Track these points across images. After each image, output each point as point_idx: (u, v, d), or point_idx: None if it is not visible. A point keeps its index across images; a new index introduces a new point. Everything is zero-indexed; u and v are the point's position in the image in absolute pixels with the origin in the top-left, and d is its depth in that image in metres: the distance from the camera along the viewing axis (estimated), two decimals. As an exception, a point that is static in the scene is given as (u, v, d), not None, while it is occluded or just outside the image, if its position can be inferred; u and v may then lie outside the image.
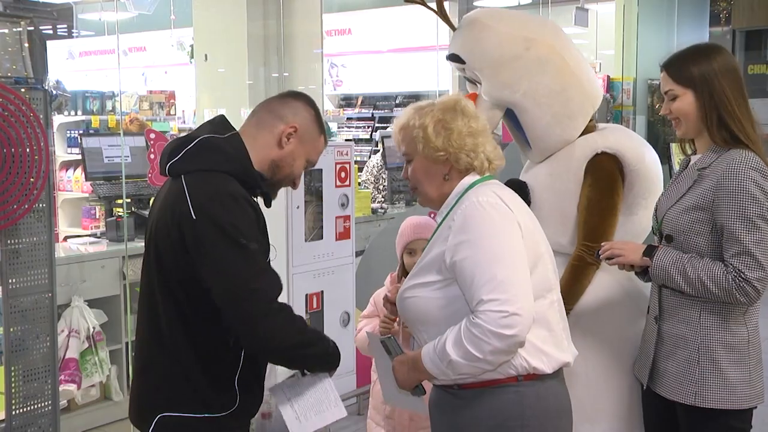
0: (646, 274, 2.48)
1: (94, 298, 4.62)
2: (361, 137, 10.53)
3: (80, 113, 7.47)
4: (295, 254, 4.17)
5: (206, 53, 5.90)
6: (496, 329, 1.94)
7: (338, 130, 10.27)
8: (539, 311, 2.08)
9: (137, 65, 10.70)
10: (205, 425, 2.11)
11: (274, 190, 2.28)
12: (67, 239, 5.40)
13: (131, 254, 4.54)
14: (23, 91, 3.24)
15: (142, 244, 2.30)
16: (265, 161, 2.20)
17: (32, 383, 3.32)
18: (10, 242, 3.23)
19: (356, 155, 6.22)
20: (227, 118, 2.28)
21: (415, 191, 2.30)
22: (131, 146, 5.37)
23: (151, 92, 8.49)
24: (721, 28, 8.79)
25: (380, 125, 10.36)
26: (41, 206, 3.30)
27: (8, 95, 3.16)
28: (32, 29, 11.12)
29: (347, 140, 8.99)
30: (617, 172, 2.89)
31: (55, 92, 7.34)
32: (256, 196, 2.21)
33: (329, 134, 2.53)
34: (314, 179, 4.31)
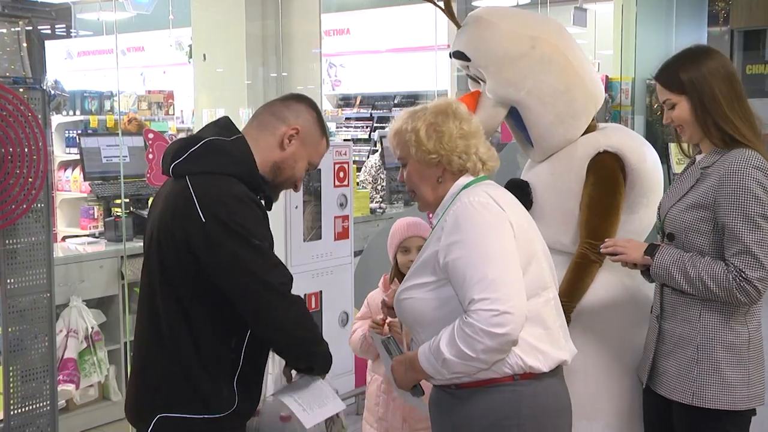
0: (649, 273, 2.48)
1: (92, 298, 4.62)
2: (359, 137, 10.52)
3: (78, 113, 7.48)
4: (293, 254, 4.17)
5: (205, 53, 5.89)
6: (487, 328, 1.95)
7: (337, 130, 10.27)
8: (534, 309, 2.09)
9: (136, 65, 10.69)
10: (204, 426, 2.11)
11: (275, 192, 2.29)
12: (65, 239, 5.40)
13: (130, 254, 4.54)
14: (21, 90, 3.24)
15: (140, 244, 2.30)
16: (266, 163, 2.20)
17: (30, 383, 3.32)
18: (8, 242, 3.23)
19: (355, 155, 6.21)
20: (231, 119, 2.28)
21: (413, 195, 2.32)
22: (129, 146, 5.37)
23: (149, 92, 8.49)
24: (719, 27, 8.78)
25: (379, 125, 10.36)
26: (39, 206, 3.30)
27: (6, 95, 3.16)
28: (30, 29, 11.14)
29: (346, 140, 8.98)
30: (619, 170, 2.89)
31: (53, 92, 7.35)
32: (260, 198, 2.22)
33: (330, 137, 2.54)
34: (313, 179, 4.31)
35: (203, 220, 2.02)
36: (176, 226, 2.07)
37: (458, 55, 3.05)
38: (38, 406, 3.34)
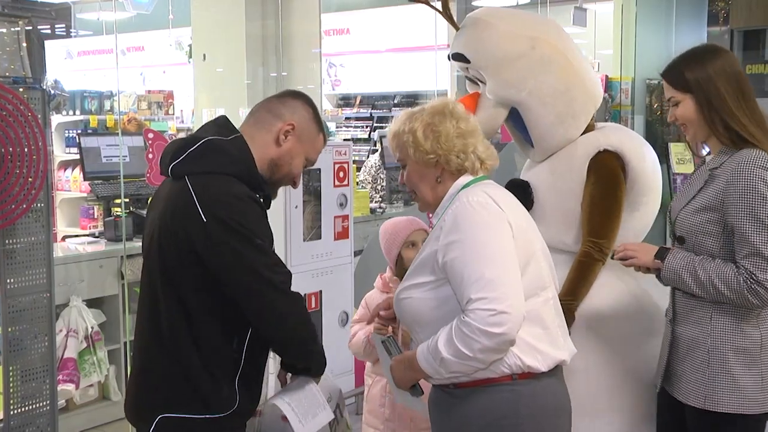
0: None
1: (92, 297, 4.62)
2: (359, 137, 10.52)
3: (78, 113, 7.48)
4: (293, 254, 4.17)
5: (205, 53, 5.90)
6: (484, 327, 1.95)
7: (336, 129, 10.26)
8: (533, 309, 2.09)
9: (135, 65, 10.68)
10: (204, 426, 2.12)
11: (274, 189, 2.29)
12: (65, 239, 5.40)
13: (129, 254, 4.54)
14: (21, 90, 3.24)
15: (140, 243, 2.30)
16: (263, 160, 2.20)
17: (30, 383, 3.32)
18: (8, 242, 3.23)
19: (354, 155, 6.21)
20: (229, 118, 2.28)
21: (414, 196, 2.33)
22: (129, 146, 5.37)
23: (149, 92, 8.49)
24: (719, 27, 8.78)
25: (378, 125, 10.35)
26: (39, 206, 3.30)
27: (6, 95, 3.16)
28: (30, 29, 11.15)
29: (345, 140, 8.97)
30: (619, 169, 2.90)
31: (53, 92, 7.34)
32: (259, 197, 2.22)
33: (328, 134, 2.53)
34: (312, 179, 4.31)
35: (204, 220, 2.03)
36: (177, 226, 2.07)
37: (457, 56, 3.05)
38: (38, 405, 3.34)
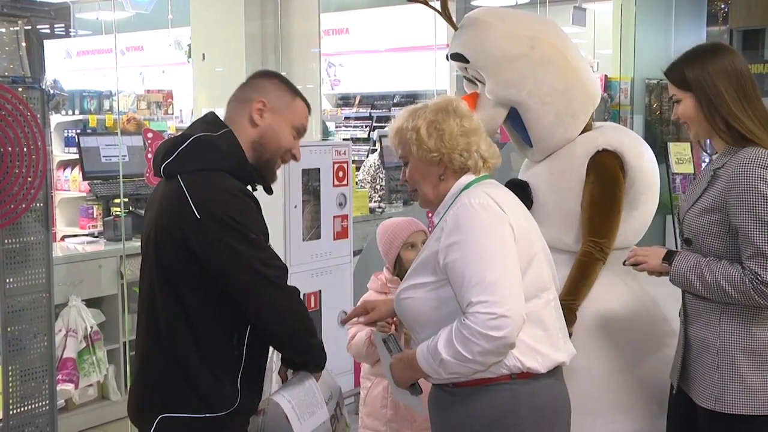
0: None
1: (91, 297, 4.62)
2: (358, 136, 10.51)
3: (77, 113, 7.48)
4: (292, 253, 4.17)
5: (204, 52, 5.89)
6: (484, 331, 1.95)
7: (336, 129, 10.27)
8: (533, 311, 2.09)
9: (135, 64, 10.67)
10: (206, 425, 2.12)
11: (269, 172, 2.26)
12: (64, 239, 5.40)
13: (129, 254, 4.54)
14: (20, 90, 3.24)
15: (139, 243, 2.30)
16: (248, 147, 2.19)
17: (30, 383, 3.32)
18: (7, 242, 3.23)
19: (354, 155, 6.21)
20: (217, 114, 2.27)
21: (415, 194, 2.32)
22: (129, 145, 5.37)
23: (148, 91, 8.48)
24: (718, 27, 8.79)
25: (378, 125, 10.34)
26: (38, 206, 3.30)
27: (5, 94, 3.15)
28: (29, 28, 11.15)
29: (345, 140, 8.97)
30: (618, 168, 2.91)
31: (52, 91, 7.34)
32: (255, 188, 2.22)
33: (326, 133, 2.52)
34: (312, 179, 4.31)
35: (198, 217, 2.03)
36: (172, 225, 2.07)
37: (456, 56, 3.05)
38: (37, 405, 3.34)
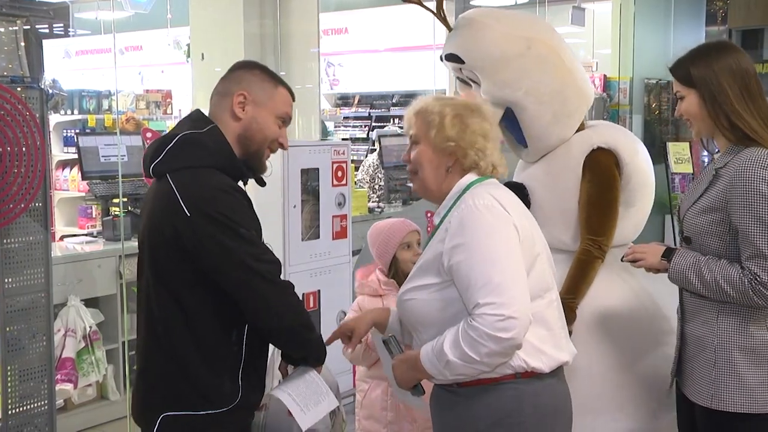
0: None
1: (90, 297, 4.62)
2: (357, 136, 10.51)
3: (76, 112, 7.48)
4: (291, 253, 4.17)
5: (203, 52, 5.89)
6: (492, 332, 1.95)
7: (335, 129, 10.26)
8: (537, 311, 2.09)
9: (134, 64, 10.66)
10: (208, 422, 2.12)
11: (258, 163, 2.25)
12: (63, 238, 5.40)
13: (128, 253, 4.53)
14: (19, 90, 3.24)
15: (137, 243, 2.30)
16: (234, 141, 2.19)
17: (29, 383, 3.32)
18: (6, 241, 3.23)
19: (353, 154, 6.21)
20: (203, 111, 2.27)
21: (413, 177, 2.28)
22: (128, 145, 5.36)
23: (147, 91, 8.48)
24: (717, 27, 8.79)
25: (377, 124, 10.34)
26: (37, 205, 3.30)
27: (4, 94, 3.15)
28: (28, 28, 11.15)
29: (344, 139, 8.98)
30: (614, 166, 2.92)
31: (51, 91, 7.32)
32: (245, 182, 2.22)
33: (325, 133, 2.52)
34: (311, 178, 4.31)
35: (188, 215, 2.03)
36: (164, 224, 2.08)
37: (451, 57, 3.05)
38: (36, 405, 3.34)
